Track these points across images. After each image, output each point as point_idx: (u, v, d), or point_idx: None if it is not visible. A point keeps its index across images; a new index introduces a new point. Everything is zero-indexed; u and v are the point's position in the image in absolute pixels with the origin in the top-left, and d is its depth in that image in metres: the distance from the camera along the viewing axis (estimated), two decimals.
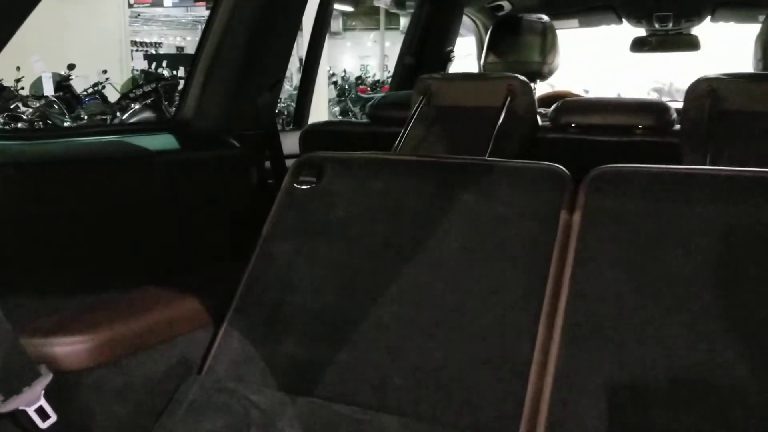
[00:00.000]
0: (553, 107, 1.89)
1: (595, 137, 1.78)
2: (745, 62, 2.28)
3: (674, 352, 1.09)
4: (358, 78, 12.27)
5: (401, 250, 1.35)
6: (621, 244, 1.19)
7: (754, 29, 2.11)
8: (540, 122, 1.90)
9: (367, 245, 1.38)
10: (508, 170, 1.38)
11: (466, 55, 3.58)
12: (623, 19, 3.20)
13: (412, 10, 3.03)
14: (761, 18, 2.43)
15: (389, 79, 3.07)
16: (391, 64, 3.31)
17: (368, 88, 11.11)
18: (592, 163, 1.30)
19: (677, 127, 1.74)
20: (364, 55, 16.14)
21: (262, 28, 1.69)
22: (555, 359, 1.14)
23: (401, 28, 11.38)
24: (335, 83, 11.42)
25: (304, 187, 1.48)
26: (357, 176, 1.48)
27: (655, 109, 1.78)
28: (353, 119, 8.14)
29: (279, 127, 2.37)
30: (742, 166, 1.24)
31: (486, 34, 2.86)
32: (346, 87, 11.25)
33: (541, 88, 4.72)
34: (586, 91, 7.30)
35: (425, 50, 2.87)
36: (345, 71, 12.65)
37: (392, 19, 14.44)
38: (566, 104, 1.88)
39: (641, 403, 1.08)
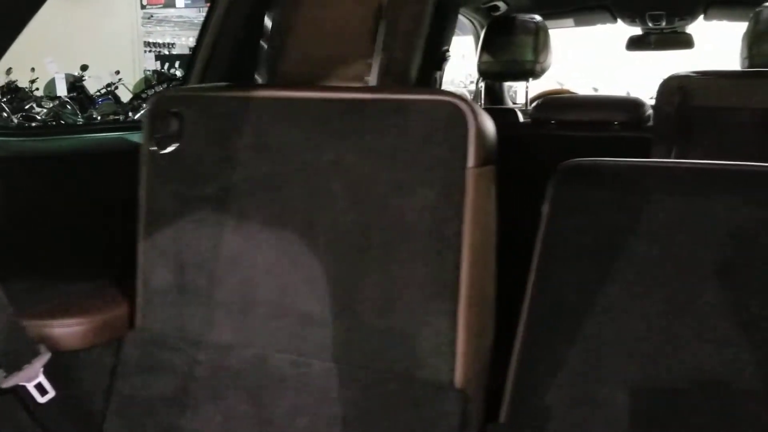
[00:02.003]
0: (533, 105, 1.95)
1: (574, 133, 1.84)
2: None
3: (633, 336, 1.14)
4: None
5: (288, 231, 1.21)
6: (586, 234, 1.24)
7: None
8: (522, 119, 1.97)
9: (247, 229, 1.25)
10: (399, 107, 1.14)
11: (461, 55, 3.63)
12: (617, 18, 3.25)
13: None
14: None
15: None
16: None
17: None
18: (570, 158, 1.35)
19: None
20: None
21: (254, 27, 1.77)
22: (519, 343, 1.20)
23: None
24: None
25: (166, 151, 1.31)
26: (222, 131, 1.29)
27: (629, 106, 1.84)
28: None
29: None
30: (707, 159, 1.30)
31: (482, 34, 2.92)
32: None
33: (546, 85, 4.77)
34: (595, 90, 7.30)
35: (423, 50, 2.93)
36: None
37: None
38: (546, 101, 1.94)
39: (601, 386, 1.14)
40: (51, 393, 1.20)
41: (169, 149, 1.30)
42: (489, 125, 1.11)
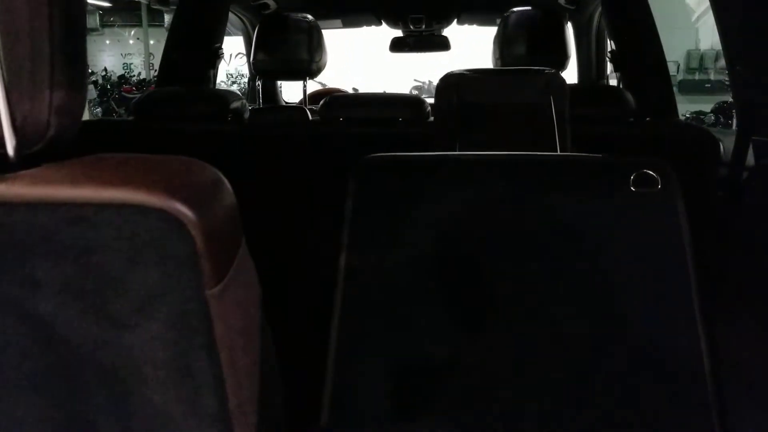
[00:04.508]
0: (321, 103, 1.97)
1: (362, 130, 1.89)
2: None
3: (429, 318, 1.22)
4: (122, 77, 11.57)
5: None
6: (388, 225, 1.30)
7: None
8: (311, 117, 1.98)
9: None
10: (80, 217, 0.67)
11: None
12: (382, 21, 3.41)
13: (175, 7, 2.94)
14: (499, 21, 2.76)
15: (156, 78, 2.95)
16: (157, 63, 3.16)
17: (133, 88, 10.58)
18: (361, 155, 1.39)
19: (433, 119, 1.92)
20: (126, 53, 15.19)
21: None
22: (334, 341, 1.22)
23: (165, 25, 10.95)
24: (95, 83, 10.66)
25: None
26: None
27: (411, 103, 1.94)
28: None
29: None
30: (485, 150, 1.42)
31: (254, 32, 2.88)
32: (108, 87, 10.57)
33: (312, 86, 4.83)
34: (355, 89, 7.64)
35: (192, 47, 2.81)
36: (106, 70, 11.83)
37: (156, 16, 13.77)
38: (334, 99, 1.97)
39: (415, 371, 1.19)
40: None
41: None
42: (222, 213, 0.72)
